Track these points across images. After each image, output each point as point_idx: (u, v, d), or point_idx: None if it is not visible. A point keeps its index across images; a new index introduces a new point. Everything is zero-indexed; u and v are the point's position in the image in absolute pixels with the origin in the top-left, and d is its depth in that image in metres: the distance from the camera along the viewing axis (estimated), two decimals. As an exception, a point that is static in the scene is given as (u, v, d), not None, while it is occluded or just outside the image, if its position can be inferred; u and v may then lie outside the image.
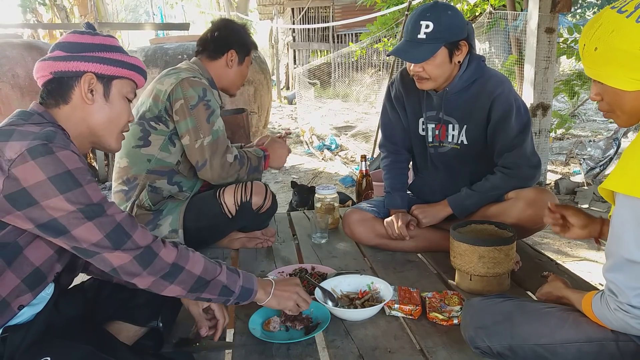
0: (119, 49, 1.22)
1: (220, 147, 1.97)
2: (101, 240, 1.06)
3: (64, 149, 1.04)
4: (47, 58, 1.17)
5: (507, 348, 1.22)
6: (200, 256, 1.20)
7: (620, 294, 1.02)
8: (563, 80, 5.66)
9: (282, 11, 16.25)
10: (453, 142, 1.98)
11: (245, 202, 2.02)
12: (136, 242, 1.09)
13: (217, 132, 1.97)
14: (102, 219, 1.06)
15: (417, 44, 1.77)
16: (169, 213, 1.98)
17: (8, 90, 3.71)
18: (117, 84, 1.21)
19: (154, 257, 1.11)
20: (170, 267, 1.13)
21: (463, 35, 1.79)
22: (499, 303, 1.29)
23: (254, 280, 1.29)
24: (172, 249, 1.15)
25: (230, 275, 1.23)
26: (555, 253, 3.09)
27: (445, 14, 1.76)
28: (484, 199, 1.93)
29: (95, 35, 1.21)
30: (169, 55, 4.39)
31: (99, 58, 1.17)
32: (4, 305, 1.07)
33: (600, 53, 1.04)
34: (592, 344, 1.14)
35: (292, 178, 5.48)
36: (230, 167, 1.99)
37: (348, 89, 11.53)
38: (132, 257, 1.08)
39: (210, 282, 1.19)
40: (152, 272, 1.11)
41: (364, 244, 2.15)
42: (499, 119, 1.85)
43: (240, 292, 1.24)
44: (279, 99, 13.34)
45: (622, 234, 1.01)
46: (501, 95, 1.84)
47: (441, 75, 1.83)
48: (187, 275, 1.15)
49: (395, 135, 2.15)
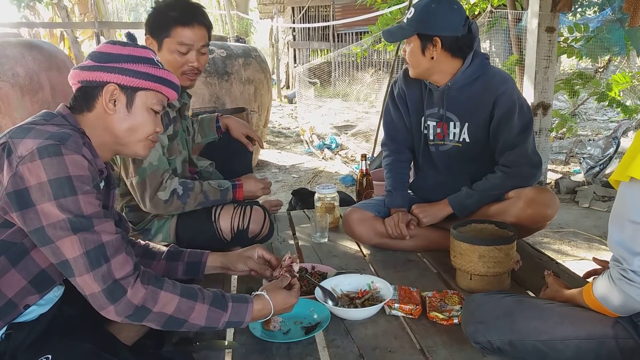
0: (148, 61, 1.22)
1: (149, 186, 1.78)
2: (79, 257, 1.03)
3: (74, 152, 1.05)
4: (78, 66, 1.20)
5: (507, 343, 1.23)
6: (174, 295, 1.12)
7: (624, 259, 1.04)
8: (563, 80, 5.66)
9: (283, 10, 16.24)
10: (455, 140, 1.98)
11: (242, 230, 1.92)
12: (111, 270, 1.05)
13: (144, 171, 1.77)
14: (87, 234, 1.04)
15: (400, 27, 1.86)
16: (158, 231, 1.93)
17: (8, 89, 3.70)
18: (141, 95, 1.20)
19: (122, 294, 1.06)
20: (135, 309, 1.07)
21: (437, 32, 1.79)
22: (499, 298, 1.30)
23: (247, 310, 1.21)
24: (140, 289, 1.08)
25: (212, 313, 1.16)
26: (555, 252, 3.09)
27: (428, 6, 1.78)
28: (484, 198, 1.93)
29: (126, 46, 1.21)
30: (169, 54, 4.39)
31: (123, 69, 1.17)
32: (10, 305, 1.07)
33: None
34: (591, 340, 1.15)
35: (292, 177, 5.49)
36: (166, 205, 1.81)
37: (348, 88, 11.52)
38: (100, 289, 1.04)
39: (186, 322, 1.14)
40: (118, 310, 1.06)
41: (364, 243, 2.15)
42: (501, 116, 1.85)
43: (225, 326, 1.20)
44: (279, 98, 13.33)
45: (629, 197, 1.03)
46: (505, 93, 1.84)
47: (415, 65, 1.87)
48: (157, 316, 1.10)
49: (398, 134, 2.15)
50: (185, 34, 1.81)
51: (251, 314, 1.22)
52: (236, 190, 1.96)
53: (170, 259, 1.45)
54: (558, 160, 5.56)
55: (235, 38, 6.44)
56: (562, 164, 5.47)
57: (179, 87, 1.28)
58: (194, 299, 1.15)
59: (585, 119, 8.18)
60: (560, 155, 5.67)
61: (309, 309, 1.53)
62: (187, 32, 1.81)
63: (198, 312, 1.14)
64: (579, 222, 3.69)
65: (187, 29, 1.81)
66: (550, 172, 5.02)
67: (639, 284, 1.02)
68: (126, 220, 1.45)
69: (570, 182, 4.51)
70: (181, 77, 1.86)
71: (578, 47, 5.39)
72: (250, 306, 1.22)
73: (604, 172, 4.56)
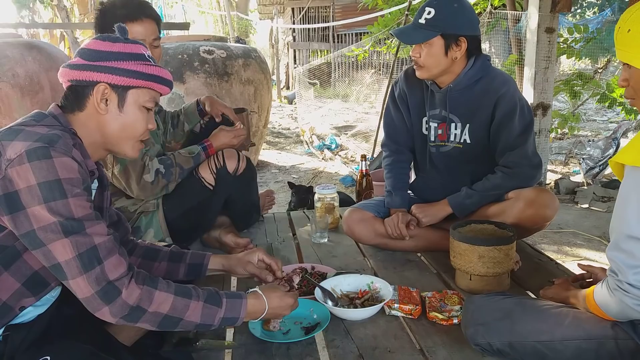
0: (139, 57, 1.18)
1: (132, 171, 1.86)
2: (72, 260, 1.02)
3: (63, 155, 1.03)
4: (67, 65, 1.17)
5: (507, 345, 1.23)
6: (169, 294, 1.12)
7: (620, 272, 1.04)
8: (563, 80, 5.66)
9: (282, 11, 16.25)
10: (456, 141, 1.97)
11: (221, 169, 2.02)
12: (104, 272, 1.04)
13: (123, 160, 1.84)
14: (79, 237, 1.03)
15: (417, 27, 1.80)
16: (148, 227, 1.95)
17: (8, 89, 3.70)
18: (133, 93, 1.18)
19: (116, 295, 1.05)
20: (130, 309, 1.07)
21: (464, 31, 1.78)
22: (499, 300, 1.30)
23: (242, 306, 1.21)
24: (135, 289, 1.07)
25: (207, 309, 1.16)
26: (555, 253, 3.09)
27: (450, 6, 1.76)
28: (484, 198, 1.93)
29: (116, 42, 1.17)
30: (169, 54, 4.39)
31: (114, 68, 1.14)
32: (5, 308, 1.07)
33: (633, 35, 1.07)
34: (591, 341, 1.15)
35: (292, 178, 5.49)
36: (153, 186, 1.90)
37: (348, 88, 11.52)
38: (93, 292, 1.04)
39: (181, 321, 1.13)
40: (113, 311, 1.05)
41: (364, 243, 2.15)
42: (502, 117, 1.85)
43: (221, 322, 1.18)
44: (279, 99, 13.33)
45: (625, 209, 1.03)
46: (506, 94, 1.85)
47: (434, 66, 1.83)
48: (153, 316, 1.10)
49: (398, 134, 2.14)
50: (135, 29, 1.80)
51: (246, 309, 1.21)
52: (207, 152, 2.05)
53: (173, 260, 1.44)
54: (558, 161, 5.56)
55: (236, 39, 6.44)
56: (561, 165, 5.48)
57: (172, 82, 1.26)
58: (188, 296, 1.14)
59: (585, 120, 8.18)
60: (559, 156, 5.67)
61: (309, 309, 1.53)
62: (137, 27, 1.81)
63: (193, 310, 1.14)
64: (578, 222, 3.70)
65: (137, 24, 1.81)
66: (550, 172, 5.02)
67: (634, 295, 1.03)
68: (126, 220, 1.45)
69: (569, 182, 4.51)
70: None
71: (578, 47, 5.39)
72: (244, 301, 1.22)
73: (603, 172, 4.56)
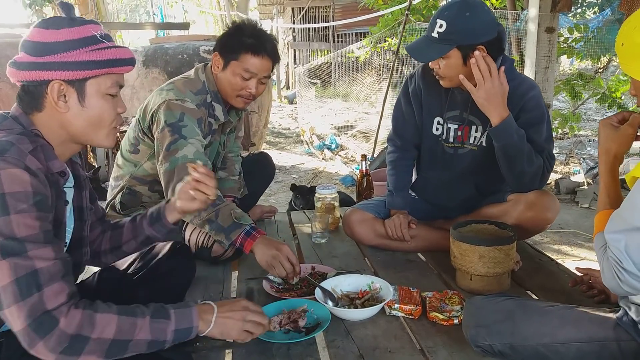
0: (90, 41, 1.06)
1: (177, 177, 1.71)
2: (8, 285, 0.92)
3: (12, 166, 0.94)
4: (12, 63, 1.07)
5: (508, 347, 1.22)
6: (112, 315, 1.01)
7: (623, 259, 1.04)
8: (563, 80, 5.66)
9: (283, 11, 16.25)
10: (473, 144, 1.93)
11: (205, 248, 1.87)
12: (42, 300, 0.94)
13: (175, 160, 1.73)
14: (18, 259, 0.93)
15: (430, 42, 1.73)
16: None
17: (8, 90, 3.71)
18: (92, 84, 1.08)
19: (53, 326, 0.94)
20: (71, 339, 0.95)
21: (479, 39, 1.69)
22: (500, 302, 1.30)
23: (193, 313, 1.12)
24: (75, 314, 0.96)
25: (156, 324, 1.06)
26: (555, 253, 3.09)
27: (462, 16, 1.67)
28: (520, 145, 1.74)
29: (61, 27, 1.05)
30: (169, 54, 4.39)
31: (64, 63, 1.04)
32: None
33: (626, 48, 1.08)
34: (593, 343, 1.14)
35: (292, 178, 5.49)
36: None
37: (348, 88, 11.52)
38: (26, 324, 0.92)
39: (130, 343, 1.02)
40: (50, 345, 0.93)
41: (364, 244, 2.14)
42: (530, 119, 1.80)
43: (174, 336, 1.09)
44: (279, 99, 13.34)
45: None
46: (533, 99, 1.81)
47: (456, 75, 1.75)
48: (97, 344, 0.98)
49: (406, 130, 2.09)
50: (253, 62, 1.83)
51: (198, 316, 1.12)
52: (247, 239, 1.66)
53: (134, 220, 1.41)
54: (558, 161, 5.56)
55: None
56: (562, 164, 5.48)
57: (133, 59, 1.14)
58: (133, 315, 1.04)
59: (585, 120, 8.18)
60: (560, 156, 5.67)
61: (309, 309, 1.53)
62: (255, 60, 1.84)
63: (141, 328, 1.03)
64: (578, 222, 3.70)
65: (256, 58, 1.84)
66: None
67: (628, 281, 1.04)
68: (106, 215, 1.43)
69: (570, 182, 4.51)
70: (236, 98, 1.91)
71: (578, 47, 5.39)
72: (193, 309, 1.13)
73: (603, 172, 4.55)
